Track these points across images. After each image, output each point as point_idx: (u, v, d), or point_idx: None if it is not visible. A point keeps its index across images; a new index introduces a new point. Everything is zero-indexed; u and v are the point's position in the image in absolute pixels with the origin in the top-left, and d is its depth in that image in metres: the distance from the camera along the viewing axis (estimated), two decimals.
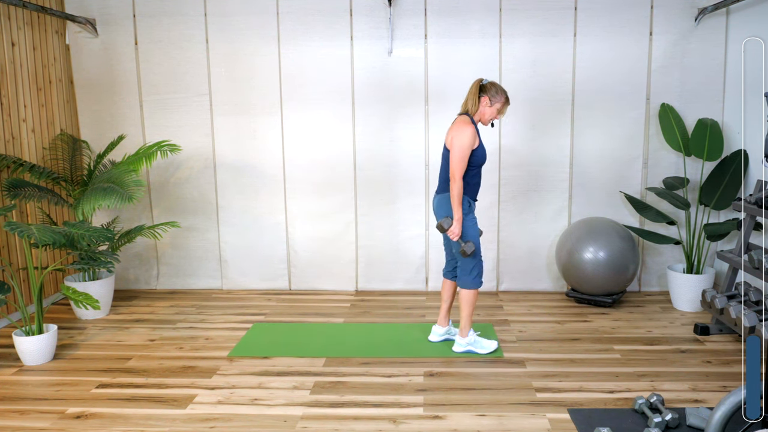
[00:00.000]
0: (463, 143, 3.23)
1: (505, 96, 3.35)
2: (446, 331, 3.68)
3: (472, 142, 3.25)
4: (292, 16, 4.49)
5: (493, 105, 3.33)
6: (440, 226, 3.30)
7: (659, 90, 4.44)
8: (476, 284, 3.41)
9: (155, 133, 4.66)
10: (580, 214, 4.60)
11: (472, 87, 3.36)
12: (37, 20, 4.30)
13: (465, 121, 3.31)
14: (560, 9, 4.39)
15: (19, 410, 2.85)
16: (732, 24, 4.30)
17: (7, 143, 4.00)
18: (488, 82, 3.34)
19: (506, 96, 3.35)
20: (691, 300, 4.18)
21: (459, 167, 3.23)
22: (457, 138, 3.25)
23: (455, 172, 3.24)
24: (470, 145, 3.25)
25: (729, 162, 4.16)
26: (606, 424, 2.63)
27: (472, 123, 3.31)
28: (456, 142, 3.24)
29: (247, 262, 4.80)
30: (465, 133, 3.24)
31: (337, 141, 4.61)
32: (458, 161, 3.23)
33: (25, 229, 3.18)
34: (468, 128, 3.25)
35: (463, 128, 3.26)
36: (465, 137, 3.23)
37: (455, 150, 3.24)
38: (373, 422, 2.71)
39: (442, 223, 3.30)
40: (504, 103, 3.35)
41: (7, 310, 3.98)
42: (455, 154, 3.23)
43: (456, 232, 3.29)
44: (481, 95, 3.32)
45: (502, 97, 3.33)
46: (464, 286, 3.42)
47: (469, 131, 3.24)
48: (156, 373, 3.26)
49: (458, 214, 3.28)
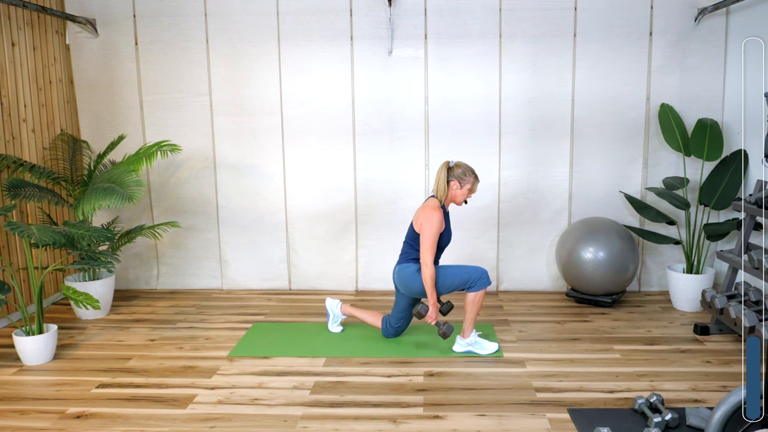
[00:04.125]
0: (431, 230, 3.32)
1: (473, 175, 3.40)
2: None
3: (439, 228, 3.35)
4: (292, 16, 4.49)
5: (464, 186, 3.39)
6: (418, 313, 3.41)
7: (659, 90, 4.44)
8: (487, 282, 3.41)
9: (155, 133, 4.66)
10: (580, 214, 4.60)
11: (439, 171, 3.41)
12: (37, 20, 4.30)
13: (433, 206, 3.38)
14: (560, 9, 4.39)
15: (19, 410, 2.85)
16: (732, 24, 4.30)
17: (7, 143, 4.00)
18: (455, 164, 3.39)
19: (474, 175, 3.41)
20: (691, 300, 4.18)
21: (429, 253, 3.33)
22: (425, 225, 3.34)
23: (426, 258, 3.33)
24: (438, 232, 3.35)
25: (729, 162, 4.16)
26: (606, 424, 2.63)
27: (440, 207, 3.38)
28: (425, 229, 3.33)
29: (247, 262, 4.81)
30: (432, 220, 3.32)
31: (337, 141, 4.61)
32: (428, 248, 3.33)
33: (25, 229, 3.18)
34: (435, 214, 3.33)
35: (431, 214, 3.33)
36: (432, 224, 3.32)
37: (424, 237, 3.33)
38: (373, 422, 2.71)
39: (420, 310, 3.40)
40: (473, 182, 3.40)
41: (7, 310, 3.98)
42: (424, 241, 3.33)
43: (433, 317, 3.40)
44: (449, 179, 3.38)
45: (471, 177, 3.39)
46: (478, 288, 3.40)
47: (436, 217, 3.33)
48: (156, 373, 3.26)
49: (433, 298, 3.40)
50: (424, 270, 3.34)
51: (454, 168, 3.39)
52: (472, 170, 3.42)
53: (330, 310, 3.86)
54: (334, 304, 3.85)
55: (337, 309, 3.84)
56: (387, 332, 3.70)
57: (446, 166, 3.40)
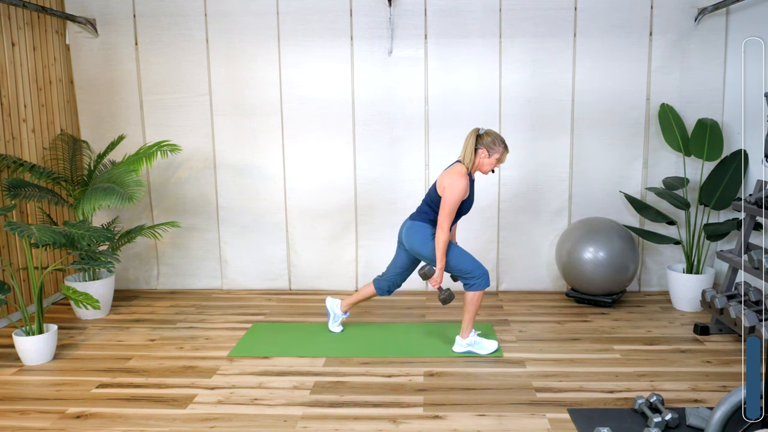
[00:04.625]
0: (453, 196, 3.24)
1: (503, 145, 3.30)
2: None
3: (463, 196, 3.27)
4: (292, 16, 4.49)
5: (492, 155, 3.29)
6: (424, 274, 3.39)
7: (659, 90, 4.44)
8: (486, 282, 3.40)
9: (155, 133, 4.66)
10: (580, 214, 4.60)
11: (468, 137, 3.31)
12: (37, 20, 4.30)
13: (460, 172, 3.28)
14: (560, 9, 4.39)
15: (19, 410, 2.85)
16: (732, 24, 4.30)
17: (7, 143, 4.00)
18: (485, 132, 3.30)
19: (504, 144, 3.31)
20: (691, 300, 4.18)
21: (447, 219, 3.26)
22: (449, 189, 3.25)
23: (443, 223, 3.27)
24: (460, 199, 3.27)
25: (729, 162, 4.16)
26: (606, 424, 2.63)
27: (467, 175, 3.29)
28: (447, 194, 3.25)
29: (247, 262, 4.81)
30: (457, 186, 3.24)
31: (337, 141, 4.61)
32: (447, 213, 3.26)
33: (25, 229, 3.18)
34: (461, 180, 3.24)
35: (457, 181, 3.24)
36: (456, 190, 3.24)
37: (445, 201, 3.25)
38: (373, 422, 2.71)
39: (426, 271, 3.38)
40: (503, 151, 3.31)
41: (7, 310, 3.98)
42: (445, 206, 3.26)
43: (438, 280, 3.38)
44: (478, 147, 3.29)
45: (500, 147, 3.29)
46: (477, 288, 3.40)
47: (461, 184, 3.24)
48: (156, 373, 3.26)
49: (442, 263, 3.34)
50: (439, 234, 3.26)
51: (483, 136, 3.28)
52: (503, 139, 3.31)
53: (330, 309, 3.85)
54: (335, 304, 3.85)
55: (338, 308, 3.84)
56: (380, 286, 3.69)
57: (475, 133, 3.29)
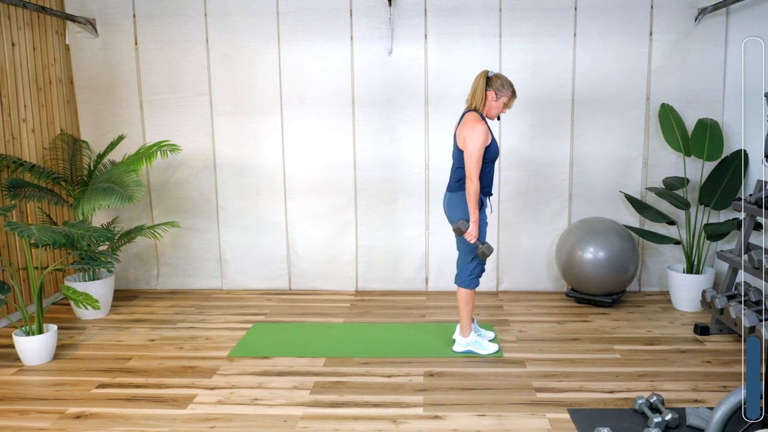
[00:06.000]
0: (476, 143, 3.13)
1: (511, 89, 3.23)
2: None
3: (485, 141, 3.16)
4: (292, 16, 4.49)
5: (499, 99, 3.22)
6: (457, 228, 3.23)
7: (659, 90, 4.44)
8: (473, 284, 3.39)
9: (155, 133, 4.66)
10: (580, 214, 4.60)
11: (477, 80, 3.23)
12: (37, 20, 4.30)
13: (475, 119, 3.19)
14: (560, 9, 4.39)
15: (19, 410, 2.85)
16: (732, 24, 4.30)
17: (7, 143, 4.00)
18: (494, 75, 3.23)
19: (512, 89, 3.24)
20: (691, 300, 4.18)
21: (475, 168, 3.15)
22: (470, 138, 3.14)
23: (471, 173, 3.15)
24: (484, 144, 3.15)
25: (729, 162, 4.16)
26: (606, 424, 2.63)
27: (482, 119, 3.21)
28: (469, 143, 3.14)
29: (247, 262, 4.81)
30: (477, 132, 3.13)
31: (337, 141, 4.61)
32: (474, 162, 3.14)
33: (25, 229, 3.18)
34: (479, 127, 3.14)
35: (475, 127, 3.14)
36: (478, 137, 3.13)
37: (470, 151, 3.14)
38: (373, 422, 2.71)
39: (459, 225, 3.22)
40: (510, 96, 3.24)
41: (7, 310, 3.98)
42: (471, 156, 3.14)
43: (474, 234, 3.22)
44: (486, 89, 3.21)
45: (508, 91, 3.22)
46: (461, 285, 3.40)
47: (481, 130, 3.14)
48: (156, 373, 3.26)
49: (475, 215, 3.20)
50: (468, 185, 3.15)
51: (493, 78, 3.21)
52: (511, 83, 3.23)
53: (473, 338, 3.50)
54: (468, 339, 3.49)
55: (473, 336, 3.49)
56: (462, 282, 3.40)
57: (485, 75, 3.21)
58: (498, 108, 3.25)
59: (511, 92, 3.24)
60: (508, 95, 3.23)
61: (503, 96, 3.22)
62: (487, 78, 3.22)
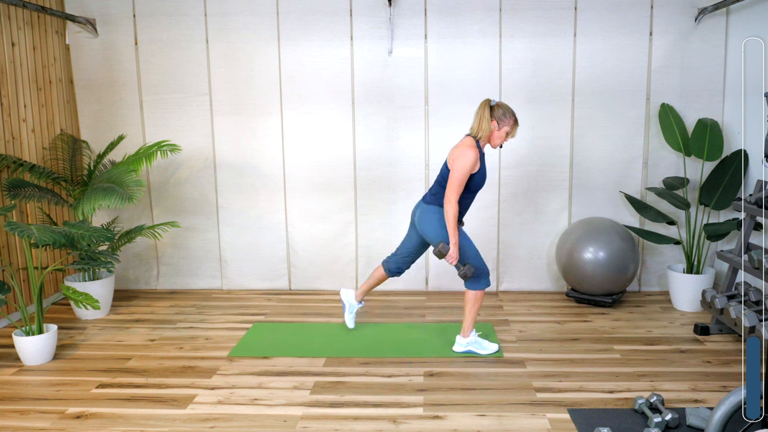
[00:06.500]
0: (463, 167, 3.19)
1: (513, 118, 3.26)
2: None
3: (472, 167, 3.21)
4: (292, 16, 4.49)
5: (502, 128, 3.25)
6: (438, 252, 3.28)
7: (659, 90, 4.44)
8: (483, 285, 3.40)
9: (155, 133, 4.66)
10: (580, 214, 4.60)
11: (479, 109, 3.28)
12: (37, 20, 4.30)
13: (470, 144, 3.24)
14: (560, 9, 4.39)
15: (19, 410, 2.85)
16: (732, 24, 4.30)
17: (7, 143, 4.00)
18: (496, 104, 3.26)
19: (515, 118, 3.27)
20: (691, 300, 4.18)
21: (456, 190, 3.21)
22: (458, 161, 3.20)
23: (451, 195, 3.21)
24: (470, 170, 3.21)
25: (729, 162, 4.16)
26: (606, 424, 2.63)
27: (476, 147, 3.25)
28: (456, 165, 3.20)
29: (247, 262, 4.81)
30: (466, 157, 3.19)
31: (337, 141, 4.61)
32: (456, 185, 3.20)
33: (25, 229, 3.18)
34: (470, 152, 3.19)
35: (466, 152, 3.20)
36: (466, 161, 3.18)
37: (455, 172, 3.20)
38: (373, 422, 2.71)
39: (440, 249, 3.27)
40: (513, 125, 3.27)
41: (7, 310, 3.98)
42: (454, 177, 3.20)
43: (454, 256, 3.27)
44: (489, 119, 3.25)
45: (510, 120, 3.25)
46: (470, 287, 3.40)
47: (471, 155, 3.19)
48: (156, 373, 3.26)
49: (455, 237, 3.25)
50: (447, 207, 3.20)
51: (495, 107, 3.24)
52: (513, 113, 3.27)
53: (345, 300, 3.84)
54: (349, 294, 3.84)
55: (353, 298, 3.83)
56: (389, 270, 3.69)
57: (487, 104, 3.25)
58: (501, 137, 3.28)
59: (513, 121, 3.27)
60: (510, 124, 3.26)
61: (505, 125, 3.25)
62: (490, 107, 3.25)
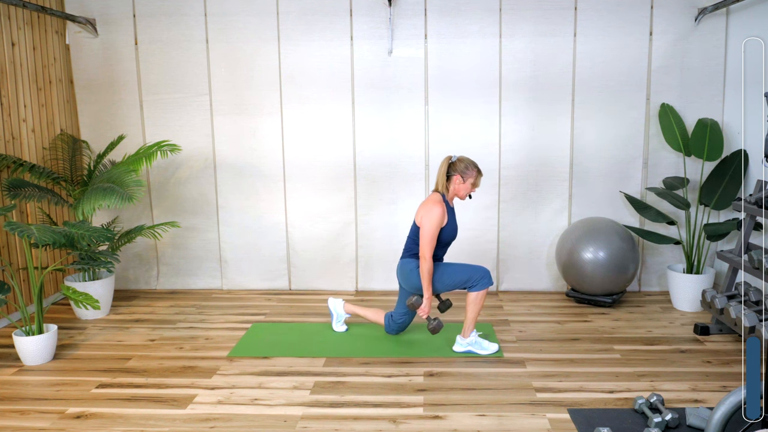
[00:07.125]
0: (431, 224, 3.28)
1: (476, 170, 3.37)
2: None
3: (440, 223, 3.30)
4: (292, 16, 4.49)
5: (466, 181, 3.36)
6: (411, 305, 3.40)
7: (659, 90, 4.45)
8: (485, 285, 3.40)
9: (155, 133, 4.67)
10: (580, 214, 4.60)
11: (441, 166, 3.39)
12: (37, 20, 4.30)
13: (436, 200, 3.34)
14: (560, 9, 4.39)
15: (19, 410, 2.85)
16: (732, 24, 4.30)
17: (7, 143, 4.00)
18: (457, 159, 3.36)
19: (477, 168, 3.38)
20: (691, 300, 4.18)
21: (428, 248, 3.29)
22: (425, 218, 3.30)
23: (425, 252, 3.30)
24: (438, 226, 3.30)
25: (729, 162, 4.16)
26: (606, 424, 2.63)
27: (443, 202, 3.34)
28: (425, 222, 3.29)
29: (247, 262, 4.80)
30: (433, 214, 3.28)
31: (337, 141, 4.61)
32: (427, 242, 3.29)
33: (25, 229, 3.18)
34: (437, 208, 3.28)
35: (432, 208, 3.29)
36: (433, 218, 3.28)
37: (424, 230, 3.30)
38: (373, 422, 2.71)
39: (414, 302, 3.39)
40: (477, 176, 3.37)
41: (7, 310, 3.98)
42: (424, 235, 3.29)
43: (426, 310, 3.39)
44: (451, 174, 3.35)
45: (473, 172, 3.36)
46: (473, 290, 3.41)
47: (437, 212, 3.28)
48: (156, 373, 3.26)
49: (428, 293, 3.36)
50: (422, 263, 3.32)
51: (456, 163, 3.36)
52: (475, 164, 3.38)
53: (333, 309, 3.85)
54: (337, 304, 3.85)
55: (341, 308, 3.84)
56: (390, 328, 3.69)
57: (448, 161, 3.37)
58: (467, 189, 3.39)
59: (476, 172, 3.38)
60: (473, 176, 3.38)
61: (469, 177, 3.37)
62: (450, 164, 3.36)
